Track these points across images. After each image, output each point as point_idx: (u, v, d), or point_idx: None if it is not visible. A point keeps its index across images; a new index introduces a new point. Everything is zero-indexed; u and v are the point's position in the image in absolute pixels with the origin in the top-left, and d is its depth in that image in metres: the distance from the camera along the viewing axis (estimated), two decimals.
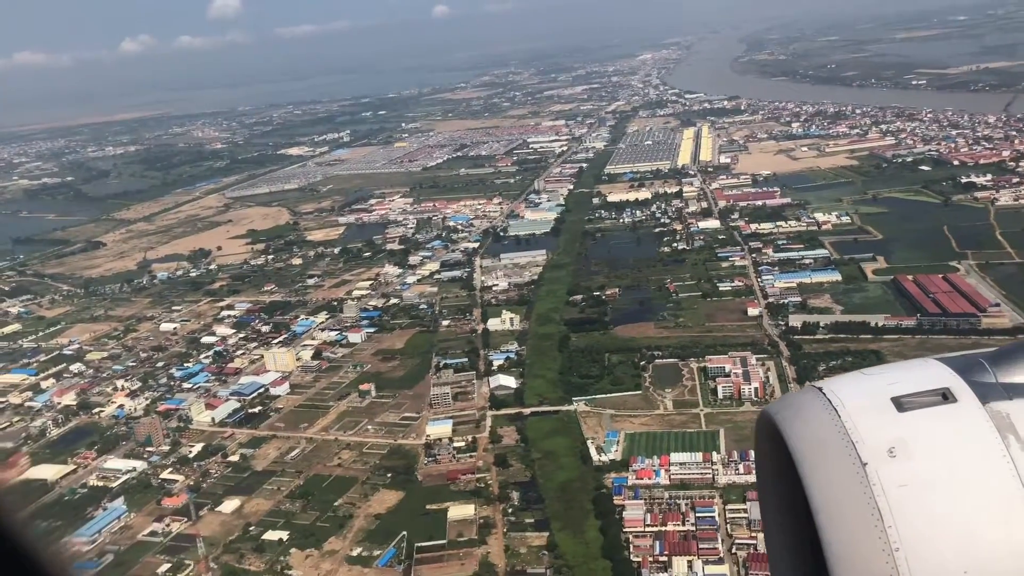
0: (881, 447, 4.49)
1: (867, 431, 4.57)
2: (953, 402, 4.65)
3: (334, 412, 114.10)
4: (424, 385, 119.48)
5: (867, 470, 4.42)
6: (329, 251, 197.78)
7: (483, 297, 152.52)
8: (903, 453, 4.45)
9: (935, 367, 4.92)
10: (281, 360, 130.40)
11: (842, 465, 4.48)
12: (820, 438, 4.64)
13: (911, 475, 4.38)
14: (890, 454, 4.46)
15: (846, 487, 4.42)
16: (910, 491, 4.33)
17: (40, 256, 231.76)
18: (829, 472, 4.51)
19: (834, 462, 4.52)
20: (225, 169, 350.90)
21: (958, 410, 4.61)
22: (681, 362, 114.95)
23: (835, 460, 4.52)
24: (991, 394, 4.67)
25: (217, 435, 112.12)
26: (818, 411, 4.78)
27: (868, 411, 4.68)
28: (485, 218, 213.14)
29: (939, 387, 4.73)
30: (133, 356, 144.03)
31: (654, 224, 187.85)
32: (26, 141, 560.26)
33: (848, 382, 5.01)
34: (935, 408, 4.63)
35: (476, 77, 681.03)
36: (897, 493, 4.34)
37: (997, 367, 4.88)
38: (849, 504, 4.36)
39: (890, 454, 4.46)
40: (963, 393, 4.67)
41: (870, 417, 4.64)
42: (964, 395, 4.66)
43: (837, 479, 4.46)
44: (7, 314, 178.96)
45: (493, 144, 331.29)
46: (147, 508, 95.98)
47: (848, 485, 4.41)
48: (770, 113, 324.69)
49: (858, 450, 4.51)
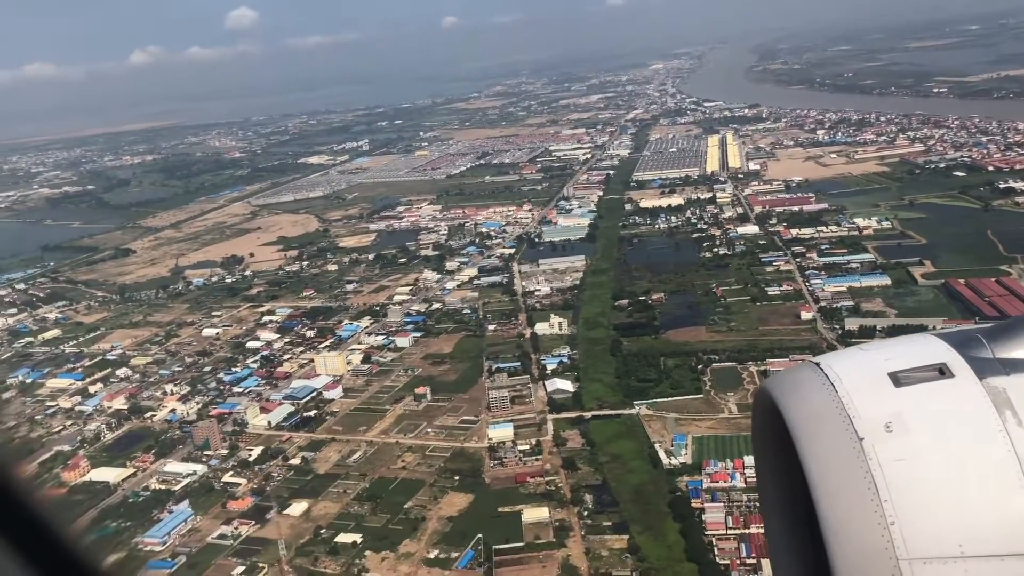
0: (878, 422, 4.49)
1: (864, 406, 4.57)
2: (950, 377, 4.63)
3: (391, 415, 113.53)
4: (478, 388, 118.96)
5: (864, 445, 4.42)
6: (363, 257, 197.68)
7: (526, 302, 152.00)
8: (900, 428, 4.45)
9: (932, 342, 4.91)
10: (332, 364, 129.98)
11: (839, 440, 4.48)
12: (817, 413, 4.64)
13: (907, 450, 4.38)
14: (887, 429, 4.46)
15: (843, 461, 4.41)
16: (906, 466, 4.33)
17: (71, 263, 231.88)
18: (826, 447, 4.50)
19: (831, 437, 4.51)
20: (247, 178, 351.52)
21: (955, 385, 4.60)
22: (740, 366, 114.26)
23: (832, 435, 4.52)
24: (988, 369, 4.66)
25: (274, 439, 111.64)
26: (815, 386, 4.76)
27: (865, 386, 4.67)
28: (517, 224, 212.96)
29: (936, 362, 4.71)
30: (178, 361, 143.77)
31: (691, 229, 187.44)
32: (42, 151, 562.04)
33: (845, 357, 5.01)
34: (932, 383, 4.62)
35: (488, 87, 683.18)
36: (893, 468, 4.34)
37: (994, 342, 4.85)
38: (845, 478, 4.36)
39: (887, 429, 4.46)
40: (960, 368, 4.66)
41: (867, 392, 4.64)
42: (961, 370, 4.65)
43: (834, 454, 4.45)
44: (45, 320, 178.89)
45: (515, 152, 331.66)
46: (213, 511, 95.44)
47: (845, 459, 4.41)
48: (793, 121, 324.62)
49: (855, 425, 4.51)
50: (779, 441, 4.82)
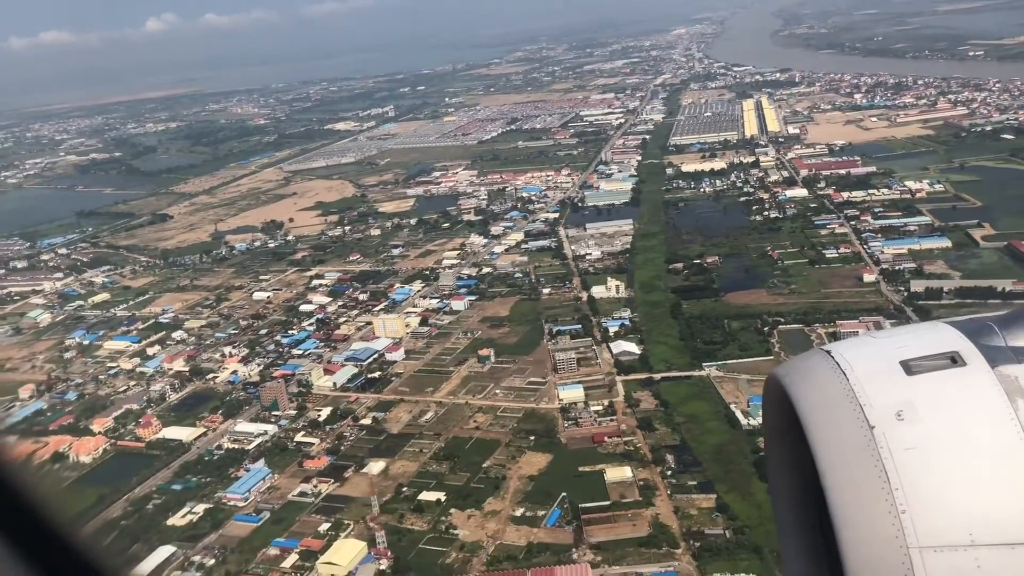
0: (889, 410, 4.45)
1: (875, 394, 4.52)
2: (962, 365, 4.56)
3: (456, 377, 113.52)
4: (541, 350, 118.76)
5: (875, 433, 4.38)
6: (405, 222, 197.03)
7: (578, 266, 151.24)
8: (911, 416, 4.41)
9: (944, 330, 4.83)
10: (391, 327, 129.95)
11: (850, 428, 4.44)
12: (828, 401, 4.59)
13: (918, 438, 4.35)
14: (898, 417, 4.42)
15: (853, 449, 4.38)
16: (917, 454, 4.31)
17: (110, 228, 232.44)
18: (837, 434, 4.46)
19: (842, 425, 4.47)
20: (275, 144, 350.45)
21: (967, 373, 4.54)
22: (807, 328, 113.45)
23: (843, 423, 4.48)
24: (1000, 357, 4.60)
25: (341, 399, 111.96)
26: (826, 374, 4.71)
27: (876, 374, 4.61)
28: (558, 189, 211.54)
29: (948, 351, 4.64)
30: (233, 324, 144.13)
31: (738, 193, 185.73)
32: (63, 119, 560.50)
33: (857, 345, 4.96)
34: (943, 371, 4.56)
35: (508, 53, 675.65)
36: (904, 456, 4.31)
37: (1007, 330, 4.78)
38: (856, 466, 4.33)
39: (898, 417, 4.42)
40: (972, 356, 4.59)
41: (878, 380, 4.58)
42: (973, 358, 4.58)
43: (844, 441, 4.42)
44: (92, 283, 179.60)
45: (545, 117, 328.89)
46: (289, 470, 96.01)
47: (855, 448, 4.38)
48: (828, 85, 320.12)
49: (866, 413, 4.47)
50: (790, 429, 4.77)
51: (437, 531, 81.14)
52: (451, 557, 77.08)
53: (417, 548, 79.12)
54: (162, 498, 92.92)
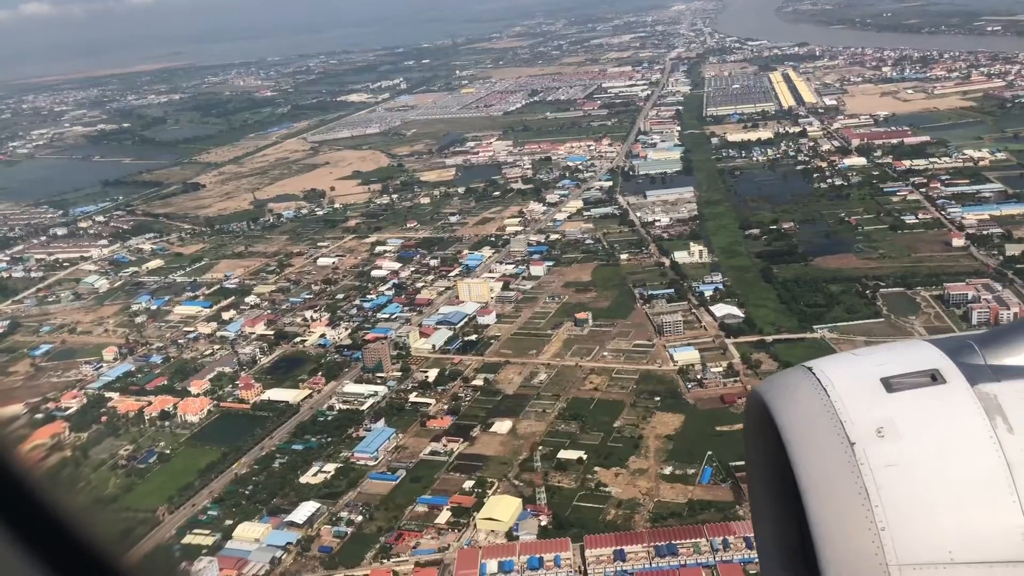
0: (869, 427, 4.44)
1: (856, 411, 4.51)
2: (942, 383, 4.57)
3: (556, 340, 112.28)
4: (637, 314, 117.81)
5: (855, 449, 4.37)
6: (454, 191, 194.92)
7: (649, 232, 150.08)
8: (891, 433, 4.40)
9: (925, 349, 4.84)
10: (476, 291, 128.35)
11: (830, 444, 4.44)
12: (809, 417, 4.58)
13: (898, 455, 4.34)
14: (878, 434, 4.40)
15: (834, 466, 4.37)
16: (897, 471, 4.29)
17: (142, 197, 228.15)
18: (817, 451, 4.46)
19: (822, 441, 4.46)
20: (290, 115, 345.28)
21: (947, 391, 4.54)
22: (908, 291, 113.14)
23: (823, 439, 4.47)
24: (979, 376, 4.60)
25: (443, 361, 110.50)
26: (807, 391, 4.69)
27: (857, 391, 4.61)
28: (603, 158, 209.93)
29: (928, 368, 4.65)
30: (305, 289, 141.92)
31: (792, 162, 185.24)
32: (56, 91, 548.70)
33: (838, 363, 4.95)
34: (924, 389, 4.57)
35: (505, 28, 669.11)
36: (884, 473, 4.29)
37: (986, 349, 4.78)
38: (836, 483, 4.32)
39: (878, 434, 4.40)
40: (952, 375, 4.60)
41: (859, 397, 4.57)
42: (953, 376, 4.59)
43: (825, 458, 4.41)
44: (141, 251, 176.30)
45: (567, 89, 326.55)
46: (412, 429, 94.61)
47: (836, 464, 4.37)
48: (850, 58, 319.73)
49: (846, 430, 4.45)
50: (771, 445, 4.71)
51: (587, 488, 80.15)
52: (610, 514, 76.19)
53: (572, 505, 78.11)
54: (285, 457, 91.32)
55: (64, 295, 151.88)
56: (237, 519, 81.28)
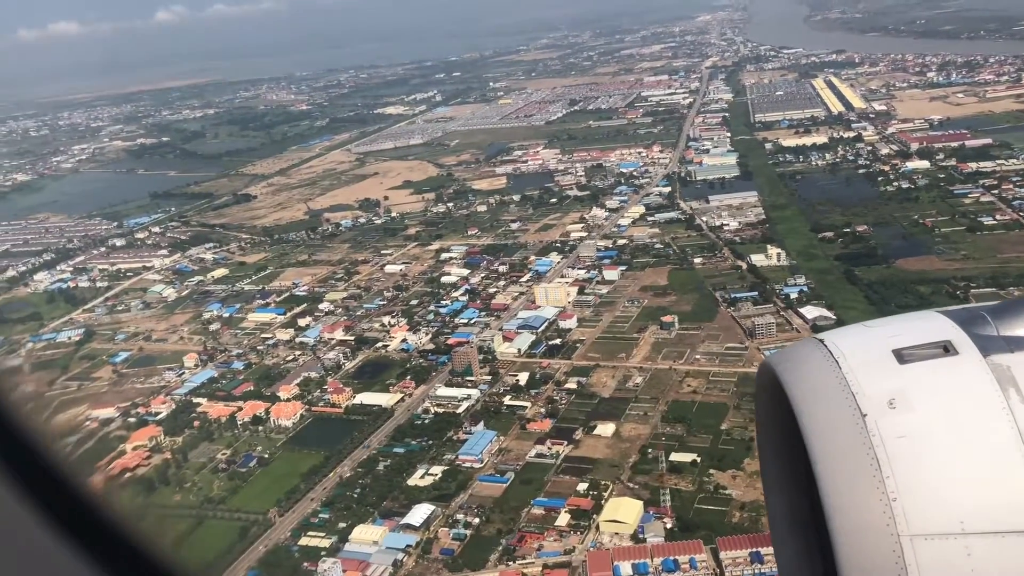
0: (881, 398, 4.43)
1: (867, 382, 4.50)
2: (954, 354, 4.56)
3: (644, 343, 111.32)
4: (723, 317, 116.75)
5: (866, 421, 4.37)
6: (509, 198, 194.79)
7: (719, 236, 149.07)
8: (903, 404, 4.38)
9: (937, 320, 4.83)
10: (553, 295, 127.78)
11: (842, 416, 4.43)
12: (820, 389, 4.57)
13: (910, 426, 4.33)
14: (890, 405, 4.38)
15: (845, 437, 4.36)
16: (909, 442, 4.28)
17: (195, 208, 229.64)
18: (829, 422, 4.45)
19: (834, 413, 4.45)
20: (329, 128, 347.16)
21: (959, 362, 4.53)
22: (1001, 292, 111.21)
23: (835, 411, 4.46)
24: (992, 347, 4.55)
25: (530, 365, 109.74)
26: (819, 362, 4.68)
27: (869, 362, 4.60)
28: (656, 164, 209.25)
29: (940, 340, 4.63)
30: (377, 296, 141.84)
31: (852, 166, 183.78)
32: (88, 107, 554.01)
33: (849, 334, 4.94)
34: (936, 360, 4.56)
35: (529, 41, 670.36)
36: (896, 444, 4.27)
37: (999, 320, 4.74)
38: (848, 454, 4.32)
39: (890, 405, 4.38)
40: (964, 346, 4.59)
41: (871, 368, 4.57)
42: (965, 348, 4.58)
43: (836, 429, 4.40)
44: (202, 260, 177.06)
45: (605, 99, 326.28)
46: (512, 432, 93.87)
47: (847, 435, 4.36)
48: (892, 64, 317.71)
49: (858, 401, 4.43)
50: (782, 417, 4.70)
51: (705, 491, 79.02)
52: (735, 516, 74.99)
53: (693, 507, 77.00)
54: (388, 460, 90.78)
55: (134, 304, 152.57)
56: (350, 522, 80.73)
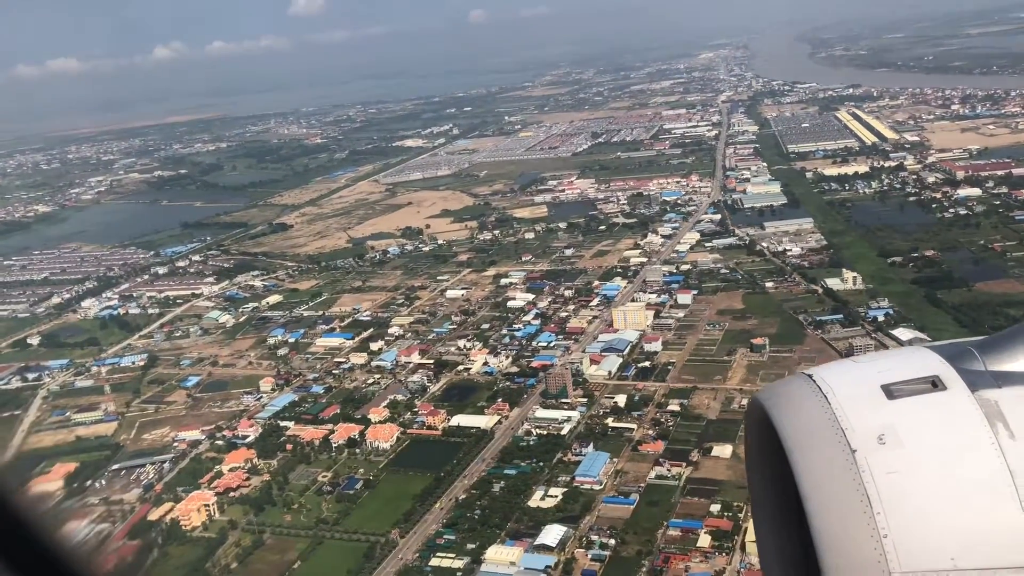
0: (871, 434, 4.42)
1: (857, 418, 4.50)
2: (943, 390, 4.56)
3: (738, 366, 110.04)
4: (811, 340, 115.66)
5: (856, 457, 4.37)
6: (555, 226, 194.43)
7: (784, 261, 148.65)
8: (892, 440, 4.38)
9: (925, 355, 4.80)
10: (632, 318, 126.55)
11: (831, 452, 4.42)
12: (810, 425, 4.56)
13: (900, 462, 4.31)
14: (879, 441, 4.37)
15: (835, 473, 4.35)
16: (899, 478, 4.27)
17: (230, 237, 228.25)
18: (818, 459, 4.44)
19: (824, 449, 4.45)
20: (350, 160, 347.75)
21: (947, 398, 4.53)
22: None
23: (825, 447, 4.45)
24: (980, 382, 4.54)
25: (623, 387, 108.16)
26: (808, 398, 4.67)
27: (858, 398, 4.59)
28: (697, 193, 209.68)
29: (929, 375, 4.62)
30: (445, 320, 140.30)
31: (901, 194, 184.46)
32: (95, 142, 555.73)
33: (838, 370, 4.92)
34: (925, 396, 4.55)
35: (536, 78, 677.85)
36: (886, 480, 4.26)
37: (986, 355, 4.73)
38: (838, 490, 4.31)
39: (879, 441, 4.37)
40: (953, 381, 4.57)
41: (860, 404, 4.56)
42: (954, 383, 4.57)
43: (826, 465, 4.39)
44: (251, 287, 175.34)
45: (627, 131, 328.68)
46: (625, 454, 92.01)
47: (837, 471, 4.35)
48: (912, 98, 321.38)
49: (847, 437, 4.42)
50: (772, 453, 4.69)
51: None
52: None
53: None
54: (500, 481, 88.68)
55: (192, 330, 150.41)
56: (478, 543, 78.48)
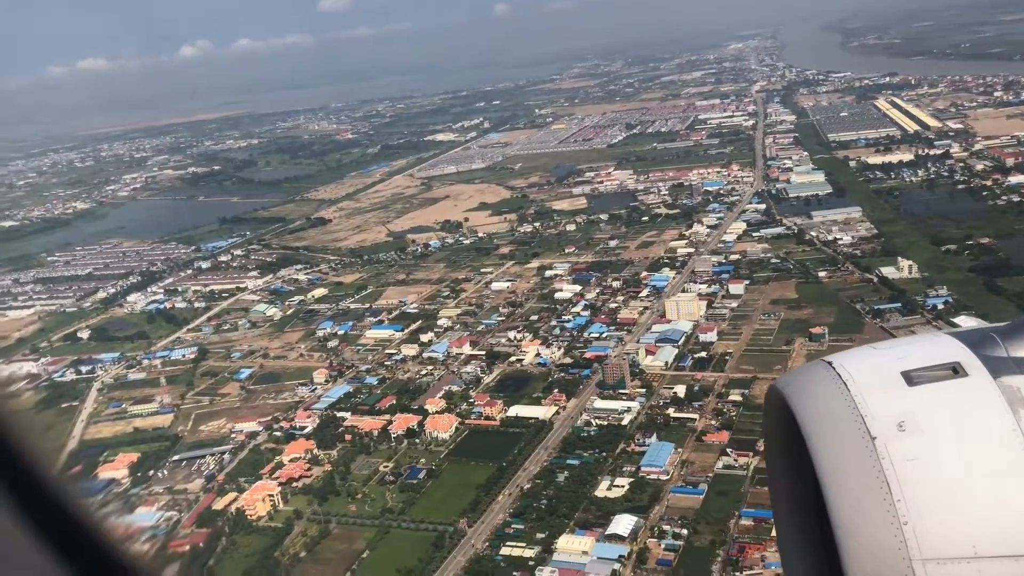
0: (890, 421, 4.32)
1: (876, 405, 4.41)
2: (964, 376, 4.48)
3: (797, 355, 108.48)
4: (870, 328, 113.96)
5: (876, 444, 4.31)
6: (597, 217, 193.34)
7: (835, 250, 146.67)
8: (912, 427, 4.29)
9: (946, 341, 4.73)
10: (685, 308, 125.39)
11: (851, 439, 4.34)
12: (829, 412, 4.48)
13: (920, 449, 4.24)
14: (899, 428, 4.29)
15: (855, 461, 4.28)
16: (919, 465, 4.19)
17: (270, 232, 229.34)
18: (838, 446, 4.36)
19: (843, 436, 4.37)
20: (382, 155, 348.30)
21: (969, 384, 4.46)
22: None
23: (844, 434, 4.37)
24: (1002, 368, 4.48)
25: (681, 378, 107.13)
26: (827, 385, 4.58)
27: (878, 385, 4.50)
28: (739, 183, 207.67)
29: (950, 361, 4.55)
30: (493, 312, 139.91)
31: (950, 182, 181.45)
32: (127, 140, 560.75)
33: (858, 356, 4.84)
34: (945, 382, 4.48)
35: (563, 71, 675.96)
36: (906, 467, 4.18)
37: (1009, 341, 4.62)
38: (858, 478, 4.24)
39: (899, 428, 4.29)
40: (974, 367, 4.51)
41: (879, 391, 4.48)
42: (975, 369, 4.50)
43: (846, 453, 4.33)
44: (296, 280, 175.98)
45: (662, 122, 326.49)
46: (688, 444, 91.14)
47: (857, 459, 4.28)
48: (951, 85, 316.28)
49: (867, 424, 4.34)
50: (791, 440, 4.61)
51: None
52: None
53: None
54: (564, 471, 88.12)
55: (240, 323, 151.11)
56: (547, 532, 78.03)
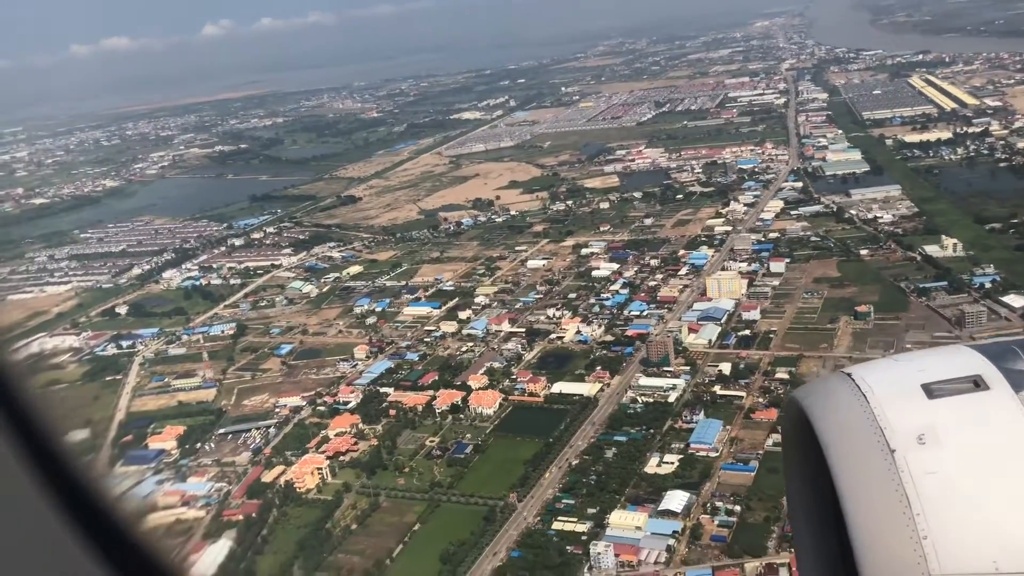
0: (910, 434, 4.25)
1: (896, 418, 4.33)
2: (985, 389, 4.44)
3: (843, 334, 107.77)
4: (915, 307, 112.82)
5: (895, 457, 4.26)
6: (630, 195, 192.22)
7: (876, 228, 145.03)
8: (932, 440, 4.22)
9: (967, 354, 4.66)
10: (727, 286, 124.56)
11: (870, 451, 4.27)
12: (848, 424, 4.43)
13: (940, 462, 4.16)
14: (919, 441, 4.24)
15: (874, 474, 4.21)
16: (939, 479, 4.11)
17: (301, 209, 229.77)
18: (857, 459, 4.30)
19: (862, 448, 4.30)
20: (409, 133, 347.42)
21: (990, 397, 4.41)
22: None
23: (863, 446, 4.31)
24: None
25: (725, 356, 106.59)
26: (846, 397, 4.52)
27: (897, 397, 4.43)
28: (774, 161, 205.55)
29: (970, 374, 4.51)
30: (530, 289, 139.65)
31: (991, 160, 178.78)
32: (152, 119, 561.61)
33: (877, 368, 4.78)
34: (966, 395, 4.43)
35: (587, 49, 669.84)
36: (926, 481, 4.12)
37: None
38: (877, 491, 4.16)
39: (919, 441, 4.24)
40: (995, 380, 4.46)
41: (899, 403, 4.40)
42: (996, 382, 4.45)
43: (865, 466, 4.25)
44: (330, 258, 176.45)
45: (692, 100, 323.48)
46: (737, 421, 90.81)
47: (876, 472, 4.21)
48: (987, 63, 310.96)
49: (887, 437, 4.29)
50: (809, 451, 4.54)
51: None
52: None
53: None
54: (612, 448, 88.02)
55: (278, 300, 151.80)
56: (598, 507, 78.08)
